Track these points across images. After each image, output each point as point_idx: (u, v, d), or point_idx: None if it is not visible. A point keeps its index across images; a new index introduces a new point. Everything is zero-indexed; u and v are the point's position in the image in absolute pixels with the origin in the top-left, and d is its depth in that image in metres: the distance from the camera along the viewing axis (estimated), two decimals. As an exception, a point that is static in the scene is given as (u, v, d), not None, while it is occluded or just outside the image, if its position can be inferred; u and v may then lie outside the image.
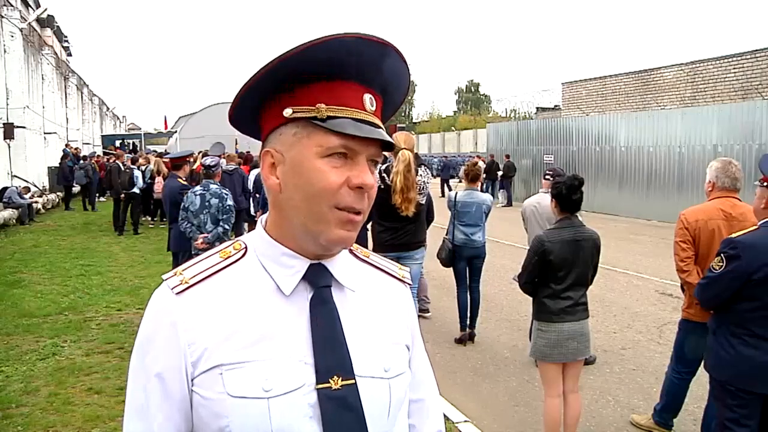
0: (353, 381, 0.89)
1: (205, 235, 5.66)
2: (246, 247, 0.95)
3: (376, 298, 1.00)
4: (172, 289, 0.89)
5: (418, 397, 1.07)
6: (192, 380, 0.87)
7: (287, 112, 0.88)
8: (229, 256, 0.94)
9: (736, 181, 3.47)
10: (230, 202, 5.81)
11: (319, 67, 0.86)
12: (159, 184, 13.21)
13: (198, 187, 5.88)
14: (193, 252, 5.71)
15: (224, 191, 5.84)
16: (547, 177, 5.21)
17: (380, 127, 0.90)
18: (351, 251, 1.03)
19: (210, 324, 0.87)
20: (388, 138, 0.89)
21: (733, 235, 2.79)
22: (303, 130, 0.88)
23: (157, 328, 0.89)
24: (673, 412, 3.84)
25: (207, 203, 5.71)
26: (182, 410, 0.88)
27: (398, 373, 0.97)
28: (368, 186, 0.87)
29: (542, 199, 4.98)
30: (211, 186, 5.80)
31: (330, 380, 0.87)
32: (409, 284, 1.09)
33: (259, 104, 0.93)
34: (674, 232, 3.61)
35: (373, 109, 0.90)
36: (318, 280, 0.93)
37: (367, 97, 0.89)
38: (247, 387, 0.85)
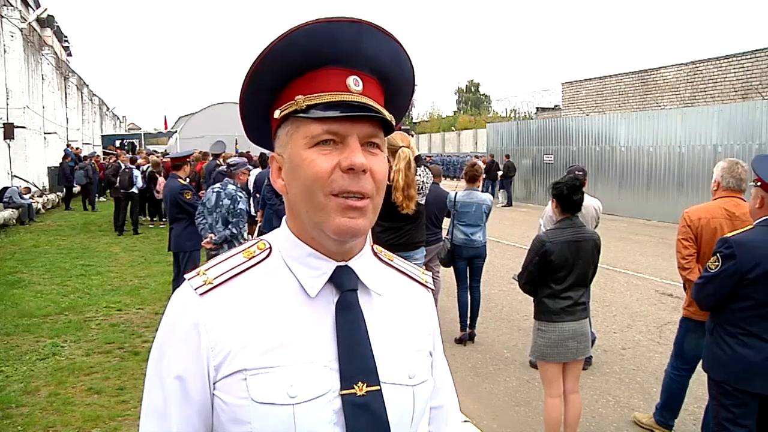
0: (378, 387, 0.87)
1: (212, 235, 5.62)
2: (270, 247, 0.93)
3: (400, 303, 0.98)
4: (195, 289, 0.87)
5: (438, 403, 1.06)
6: (214, 384, 0.84)
7: (276, 114, 0.89)
8: (253, 256, 0.91)
9: (741, 182, 3.49)
10: (242, 205, 5.76)
11: (292, 63, 0.86)
12: (161, 185, 13.23)
13: (218, 185, 5.87)
14: (211, 254, 5.71)
15: (239, 193, 5.78)
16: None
17: (369, 106, 0.86)
18: (375, 254, 1.02)
19: (234, 327, 0.85)
20: (374, 113, 0.85)
21: (728, 235, 2.83)
22: (292, 126, 0.88)
23: (178, 329, 0.86)
24: (672, 410, 3.84)
25: (220, 203, 5.69)
26: (202, 414, 0.86)
27: (422, 380, 0.95)
28: (358, 166, 0.83)
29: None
30: (229, 186, 5.76)
31: (355, 386, 0.85)
32: (432, 289, 1.07)
33: (262, 118, 0.93)
34: (677, 230, 3.63)
35: (360, 89, 0.86)
36: (344, 283, 0.90)
37: (351, 79, 0.86)
38: (272, 393, 0.83)
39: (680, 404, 3.83)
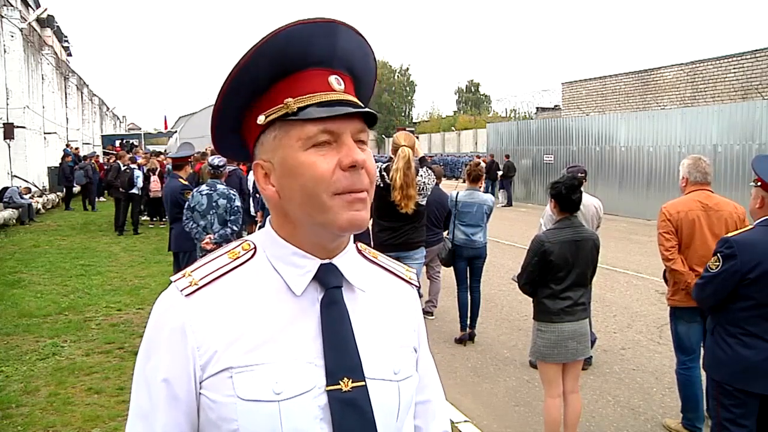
0: (363, 383, 0.88)
1: (212, 236, 5.56)
2: (255, 247, 0.94)
3: (384, 299, 1.00)
4: (181, 290, 0.88)
5: (425, 398, 1.07)
6: (200, 383, 0.85)
7: (260, 119, 0.88)
8: (238, 257, 0.92)
9: (706, 175, 3.75)
10: (238, 202, 5.75)
11: (274, 66, 0.86)
12: (155, 183, 13.23)
13: (204, 187, 5.75)
14: (199, 254, 5.64)
15: (232, 192, 5.77)
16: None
17: (354, 101, 0.89)
18: (359, 251, 1.02)
19: (219, 326, 0.86)
20: (365, 108, 0.88)
21: (729, 235, 2.85)
22: (280, 130, 0.87)
23: (164, 330, 0.87)
24: (693, 410, 3.79)
25: (214, 203, 5.61)
26: (188, 414, 0.87)
27: (407, 375, 0.96)
28: (360, 162, 0.85)
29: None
30: (218, 186, 5.71)
31: (340, 382, 0.86)
32: (416, 286, 1.09)
33: (235, 126, 0.93)
34: (657, 225, 3.81)
35: (342, 88, 0.89)
36: (329, 280, 0.91)
37: (333, 78, 0.88)
38: (257, 390, 0.83)
39: (698, 402, 3.77)
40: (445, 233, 6.04)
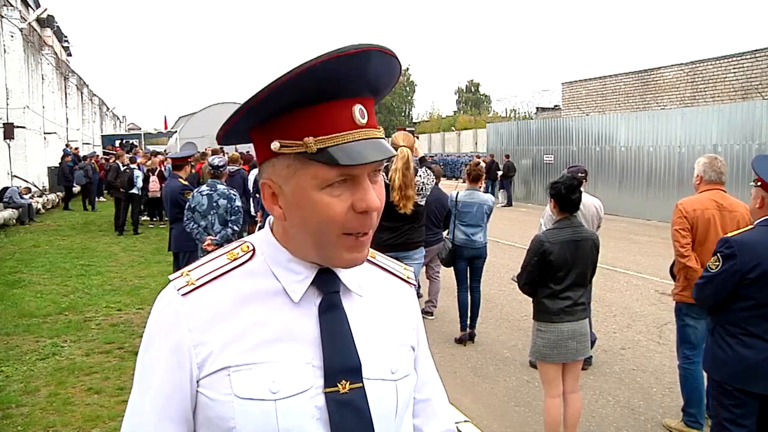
0: (361, 384, 0.89)
1: (213, 237, 5.56)
2: (254, 249, 0.94)
3: (382, 299, 1.00)
4: (178, 289, 0.89)
5: (425, 397, 1.07)
6: (198, 382, 0.86)
7: (275, 146, 0.84)
8: (236, 258, 0.93)
9: (721, 175, 3.74)
10: (239, 203, 5.73)
11: (299, 96, 0.82)
12: (154, 183, 13.23)
13: (204, 187, 5.75)
14: (199, 254, 5.64)
15: (232, 192, 5.76)
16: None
17: (376, 137, 0.86)
18: None
19: (216, 326, 0.87)
20: (385, 153, 0.85)
21: (729, 235, 2.85)
22: (296, 161, 0.85)
23: (161, 328, 0.88)
24: (696, 407, 3.80)
25: (215, 204, 5.60)
26: (181, 412, 0.87)
27: (405, 374, 0.97)
28: (374, 209, 0.85)
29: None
30: (219, 186, 5.70)
31: (338, 384, 0.87)
32: (414, 285, 1.09)
33: (246, 134, 0.92)
34: (672, 221, 3.80)
35: (365, 121, 0.85)
36: (327, 285, 0.92)
37: (357, 109, 0.84)
38: (254, 388, 0.84)
39: (701, 397, 3.78)
40: (445, 233, 6.04)
